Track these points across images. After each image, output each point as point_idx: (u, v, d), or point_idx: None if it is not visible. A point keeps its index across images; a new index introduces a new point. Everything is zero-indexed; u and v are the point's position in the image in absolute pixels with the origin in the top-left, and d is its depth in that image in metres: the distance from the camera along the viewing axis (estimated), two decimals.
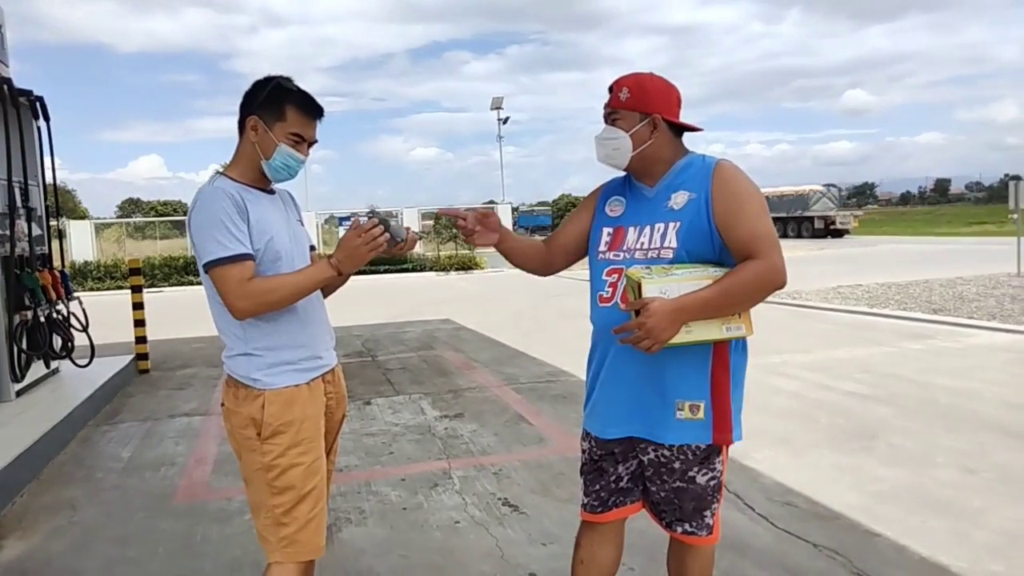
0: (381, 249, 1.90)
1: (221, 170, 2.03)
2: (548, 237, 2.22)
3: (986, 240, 28.02)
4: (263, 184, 2.01)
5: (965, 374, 5.85)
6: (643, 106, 1.89)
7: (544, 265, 2.22)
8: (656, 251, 1.87)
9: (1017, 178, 14.18)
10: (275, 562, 1.94)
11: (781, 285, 1.81)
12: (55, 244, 6.45)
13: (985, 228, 38.69)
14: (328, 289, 2.16)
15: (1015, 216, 14.09)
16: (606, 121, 1.95)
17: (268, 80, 1.95)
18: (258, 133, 1.94)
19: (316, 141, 2.02)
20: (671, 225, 1.87)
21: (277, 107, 1.93)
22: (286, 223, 2.03)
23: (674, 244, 1.85)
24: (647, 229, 1.90)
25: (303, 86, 2.00)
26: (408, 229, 1.99)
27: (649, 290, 1.75)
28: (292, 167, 1.98)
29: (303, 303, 1.97)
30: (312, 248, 2.14)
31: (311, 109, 1.97)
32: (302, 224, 2.16)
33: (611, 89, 1.95)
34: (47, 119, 6.08)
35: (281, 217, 2.03)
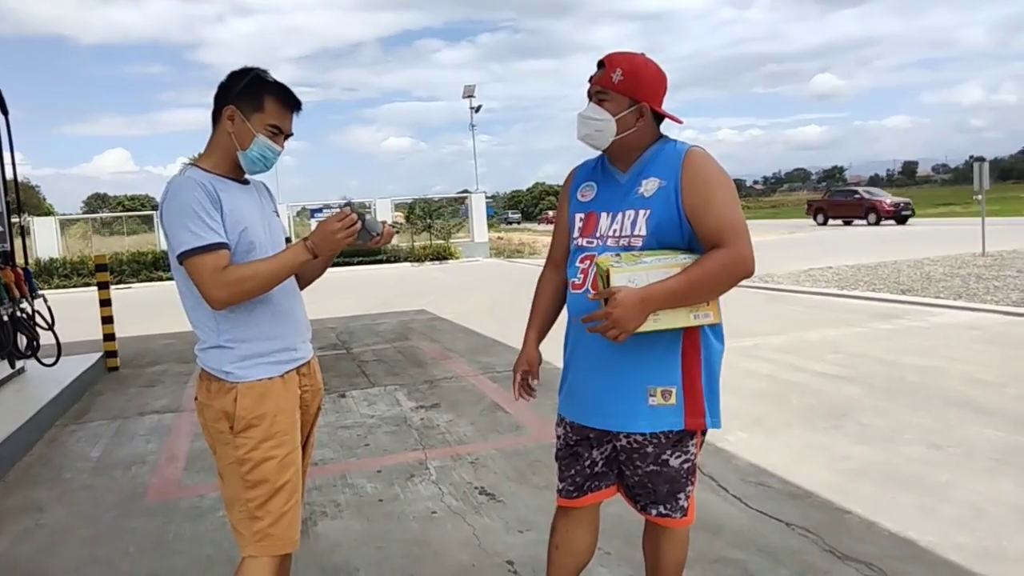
0: (355, 237, 1.89)
1: (192, 161, 1.99)
2: (548, 257, 2.18)
3: (952, 221, 28.57)
4: (237, 175, 1.99)
5: (932, 352, 5.97)
6: (634, 92, 1.86)
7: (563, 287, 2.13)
8: (627, 239, 1.86)
9: (981, 159, 14.43)
10: (249, 556, 1.92)
11: (748, 274, 1.80)
12: (18, 241, 6.30)
13: (951, 209, 39.49)
14: (304, 280, 2.15)
15: (979, 197, 14.38)
16: (590, 97, 1.90)
17: (246, 71, 1.94)
18: (235, 123, 1.91)
19: (292, 134, 2.01)
20: (641, 213, 1.85)
21: (256, 97, 1.91)
22: (260, 213, 2.01)
23: (643, 232, 1.84)
24: (619, 216, 1.89)
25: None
26: (384, 223, 1.98)
27: (617, 279, 1.75)
28: (269, 159, 1.96)
29: (277, 295, 1.95)
30: (287, 240, 2.11)
31: (290, 101, 1.96)
32: (277, 215, 2.14)
33: (601, 64, 1.89)
34: (5, 113, 5.94)
35: (255, 207, 2.00)
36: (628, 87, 1.85)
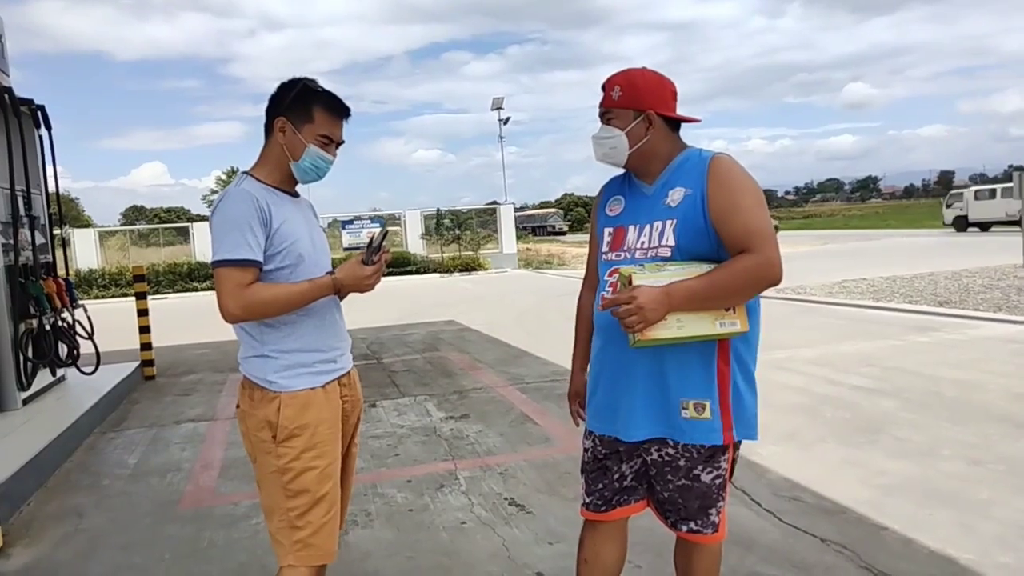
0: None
1: (247, 170, 2.03)
2: (584, 278, 2.20)
3: (991, 231, 27.89)
4: (289, 187, 2.03)
5: (971, 366, 5.83)
6: (636, 103, 1.88)
7: None
8: (655, 249, 1.86)
9: (1021, 169, 14.11)
10: (288, 566, 1.94)
11: (775, 280, 1.77)
12: (59, 252, 6.47)
13: None
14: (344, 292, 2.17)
15: (1020, 207, 14.03)
16: (601, 120, 1.95)
17: (295, 82, 1.97)
18: (286, 135, 1.95)
19: (343, 142, 2.04)
20: (668, 223, 1.85)
21: (305, 109, 1.95)
22: (307, 227, 2.05)
23: (671, 242, 1.83)
24: (647, 228, 1.89)
25: None
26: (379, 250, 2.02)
27: (639, 283, 1.75)
28: (321, 168, 2.00)
29: (319, 306, 1.98)
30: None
31: (339, 110, 1.99)
32: (322, 231, 2.18)
33: (603, 88, 1.94)
34: (49, 128, 6.11)
35: (304, 220, 2.04)
36: (629, 100, 1.89)
